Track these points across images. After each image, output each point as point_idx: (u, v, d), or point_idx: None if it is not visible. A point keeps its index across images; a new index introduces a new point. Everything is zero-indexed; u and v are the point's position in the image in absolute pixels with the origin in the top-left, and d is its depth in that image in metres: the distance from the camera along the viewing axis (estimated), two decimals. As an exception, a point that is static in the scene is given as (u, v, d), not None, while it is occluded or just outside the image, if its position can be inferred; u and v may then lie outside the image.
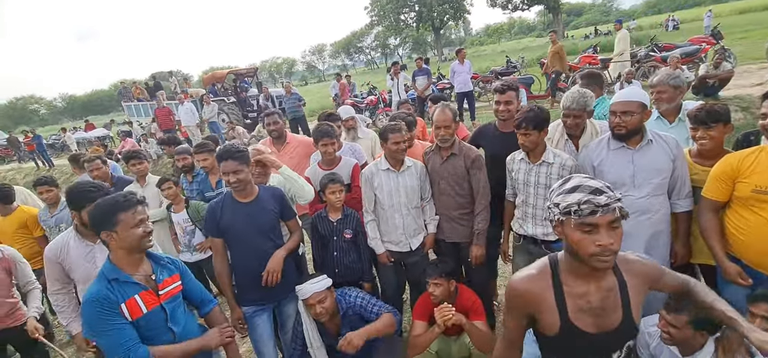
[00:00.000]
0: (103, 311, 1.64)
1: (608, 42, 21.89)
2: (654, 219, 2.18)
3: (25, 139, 16.06)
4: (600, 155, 2.28)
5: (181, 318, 1.91)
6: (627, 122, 2.12)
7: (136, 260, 1.78)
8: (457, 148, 2.65)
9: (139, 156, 3.84)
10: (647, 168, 2.15)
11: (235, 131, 11.00)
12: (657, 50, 10.76)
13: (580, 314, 1.28)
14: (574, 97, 2.44)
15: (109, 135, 17.61)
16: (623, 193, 2.19)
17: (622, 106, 2.13)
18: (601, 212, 1.12)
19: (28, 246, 3.53)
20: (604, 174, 2.24)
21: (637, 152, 2.18)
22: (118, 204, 1.70)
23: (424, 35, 52.70)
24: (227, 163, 2.24)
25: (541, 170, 2.38)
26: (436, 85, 11.57)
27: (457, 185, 2.66)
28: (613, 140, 2.24)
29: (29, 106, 76.33)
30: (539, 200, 2.39)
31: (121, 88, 17.98)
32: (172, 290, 1.88)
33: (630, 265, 1.32)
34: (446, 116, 2.60)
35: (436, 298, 2.42)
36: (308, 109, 12.87)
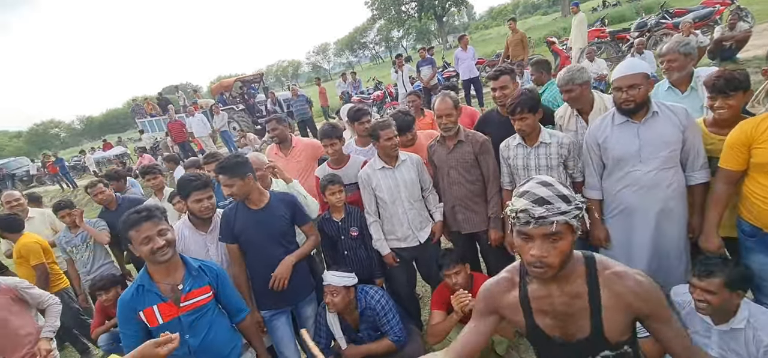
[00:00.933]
0: (122, 316, 1.85)
1: (617, 13, 21.33)
2: (664, 194, 2.12)
3: (47, 164, 16.63)
4: (604, 132, 2.23)
5: (203, 329, 1.95)
6: (634, 95, 2.05)
7: (161, 269, 1.87)
8: (463, 135, 2.64)
9: (154, 171, 3.94)
10: (654, 141, 2.09)
11: (246, 138, 11.15)
12: (668, 16, 10.39)
13: (542, 316, 1.27)
14: (571, 73, 2.46)
15: (127, 152, 18.06)
16: (629, 168, 2.16)
17: (626, 80, 2.06)
18: (534, 224, 1.10)
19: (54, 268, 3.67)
20: (610, 150, 2.20)
21: (642, 126, 2.12)
22: (126, 222, 1.80)
23: (427, 25, 52.10)
24: (220, 178, 2.30)
25: (540, 152, 2.38)
26: (442, 73, 11.48)
27: (467, 173, 2.65)
28: (617, 115, 2.19)
29: (49, 130, 78.89)
30: None
31: (133, 106, 18.39)
32: (198, 302, 1.92)
33: (615, 280, 1.19)
34: (447, 104, 2.59)
35: (458, 285, 2.42)
36: (316, 109, 12.93)
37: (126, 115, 58.73)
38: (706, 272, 1.78)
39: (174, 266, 1.90)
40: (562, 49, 10.63)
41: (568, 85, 2.47)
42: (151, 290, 1.85)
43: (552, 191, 1.12)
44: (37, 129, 77.66)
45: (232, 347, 2.09)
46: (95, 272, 3.75)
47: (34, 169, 19.30)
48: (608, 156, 2.24)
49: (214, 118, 11.96)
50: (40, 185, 18.01)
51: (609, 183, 2.30)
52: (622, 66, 2.12)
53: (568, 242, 1.12)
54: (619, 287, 1.19)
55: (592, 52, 8.36)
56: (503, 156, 2.55)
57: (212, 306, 2.01)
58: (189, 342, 1.90)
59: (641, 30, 10.25)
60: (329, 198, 2.71)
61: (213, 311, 2.01)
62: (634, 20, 12.72)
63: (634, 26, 10.91)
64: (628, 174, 2.18)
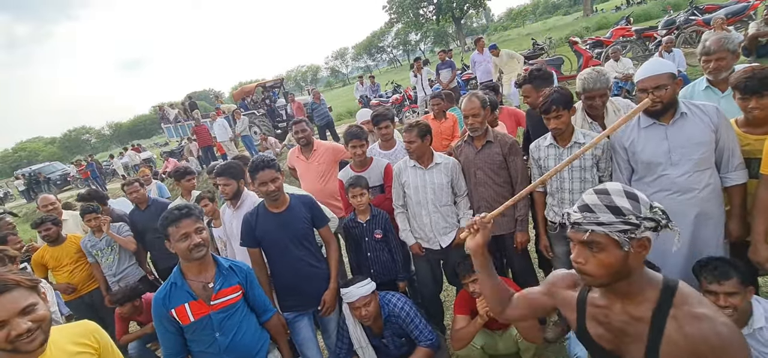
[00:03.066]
0: (157, 314, 1.92)
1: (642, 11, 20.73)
2: (699, 197, 2.02)
3: (79, 169, 17.33)
4: (630, 135, 2.15)
5: (232, 327, 1.98)
6: (661, 96, 1.95)
7: (194, 267, 1.92)
8: (491, 135, 2.60)
9: (191, 172, 4.03)
10: (684, 143, 1.99)
11: (267, 142, 11.34)
12: (698, 13, 10.04)
13: (596, 324, 1.25)
14: (593, 78, 2.34)
15: (153, 157, 18.65)
16: (660, 172, 2.07)
17: (652, 81, 1.96)
18: (570, 229, 1.14)
19: (88, 268, 3.80)
20: (638, 154, 2.12)
21: (670, 128, 2.02)
22: (167, 218, 1.86)
23: (444, 27, 51.88)
24: (265, 173, 2.30)
25: (573, 152, 2.27)
26: (462, 76, 11.38)
27: (494, 174, 2.60)
28: (643, 117, 2.10)
29: (81, 136, 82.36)
30: (575, 183, 2.32)
31: (159, 112, 18.98)
32: (228, 300, 1.96)
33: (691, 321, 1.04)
34: (474, 104, 2.54)
35: (476, 293, 2.40)
36: (335, 113, 13.05)
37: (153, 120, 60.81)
38: (724, 275, 1.74)
39: (206, 265, 1.95)
40: (585, 49, 10.37)
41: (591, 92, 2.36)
42: (183, 288, 1.90)
43: (603, 200, 1.10)
44: (70, 135, 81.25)
45: (260, 345, 2.11)
46: (120, 274, 3.85)
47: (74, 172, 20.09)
48: (637, 160, 2.15)
49: (236, 123, 12.21)
50: (74, 188, 18.77)
51: (640, 187, 2.17)
52: (647, 66, 2.03)
53: (614, 256, 1.08)
54: (693, 330, 1.03)
55: (617, 52, 8.12)
56: (533, 157, 2.49)
57: (241, 305, 2.04)
58: (219, 341, 1.94)
59: (669, 28, 9.92)
60: (352, 201, 2.72)
61: (242, 310, 2.04)
62: (660, 18, 12.31)
63: (661, 24, 10.58)
64: (659, 178, 2.09)
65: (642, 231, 1.06)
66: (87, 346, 1.44)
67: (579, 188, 2.32)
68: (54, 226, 3.74)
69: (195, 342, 1.97)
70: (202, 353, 1.99)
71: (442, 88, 9.17)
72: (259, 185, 2.34)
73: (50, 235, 3.71)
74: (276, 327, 2.24)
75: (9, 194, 22.11)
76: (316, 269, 2.52)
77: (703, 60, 2.41)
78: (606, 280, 1.13)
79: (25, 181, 20.19)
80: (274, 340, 2.25)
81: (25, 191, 19.98)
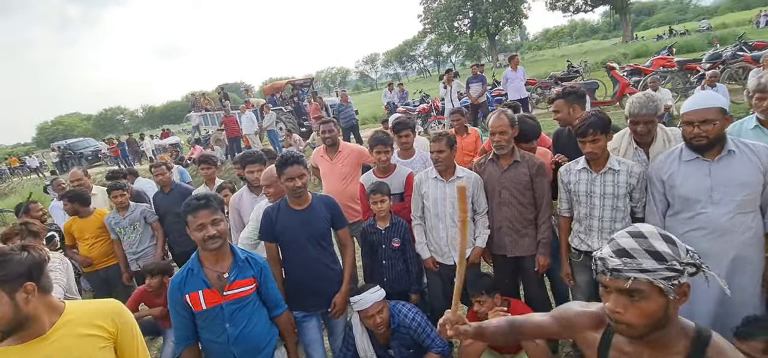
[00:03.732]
0: (172, 299, 1.96)
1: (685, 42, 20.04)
2: (738, 241, 1.90)
3: (110, 147, 18.04)
4: (670, 168, 2.03)
5: (243, 319, 1.97)
6: (708, 131, 1.85)
7: (210, 256, 1.92)
8: (518, 155, 2.53)
9: (208, 161, 4.09)
10: (728, 182, 1.87)
11: (291, 139, 11.49)
12: (746, 49, 9.59)
13: None
14: (642, 102, 2.20)
15: (180, 143, 19.20)
16: (699, 210, 1.95)
17: (699, 114, 1.86)
18: (608, 275, 1.03)
19: (107, 244, 3.91)
20: (676, 189, 2.00)
21: (715, 164, 1.91)
22: (187, 207, 1.87)
23: (478, 42, 51.62)
24: (293, 168, 2.28)
25: (607, 179, 2.20)
26: (492, 92, 11.23)
27: (520, 195, 2.52)
28: (686, 151, 1.98)
29: (115, 116, 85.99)
30: (607, 211, 2.22)
31: (191, 100, 19.56)
32: (241, 292, 1.95)
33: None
34: (502, 122, 2.47)
35: (481, 315, 2.37)
36: (360, 117, 13.10)
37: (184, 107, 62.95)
38: (745, 334, 1.67)
39: (222, 255, 1.95)
40: (622, 75, 10.05)
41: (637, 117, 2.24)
42: (199, 275, 1.91)
43: (642, 245, 1.00)
44: (105, 114, 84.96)
45: (268, 340, 2.09)
46: (140, 253, 3.94)
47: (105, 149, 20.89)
48: (674, 194, 2.04)
49: (264, 118, 12.42)
50: (104, 165, 19.54)
51: (674, 223, 2.08)
52: (696, 99, 1.93)
53: (655, 305, 0.99)
54: None
55: (656, 82, 7.82)
56: (563, 181, 2.39)
57: (254, 298, 2.02)
58: (228, 331, 1.94)
59: (714, 62, 9.49)
60: (372, 207, 2.69)
61: (254, 303, 2.03)
62: (703, 51, 11.83)
63: (706, 57, 10.13)
64: (697, 216, 1.97)
65: (684, 277, 0.98)
66: (101, 329, 1.37)
67: (610, 216, 2.23)
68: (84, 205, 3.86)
69: (205, 330, 1.98)
70: (211, 342, 1.99)
71: (471, 102, 9.06)
72: (287, 179, 2.32)
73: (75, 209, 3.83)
74: (285, 324, 2.22)
75: (44, 164, 23.20)
76: (330, 270, 2.50)
77: (757, 97, 2.27)
78: (646, 330, 1.02)
79: (59, 153, 21.17)
80: (282, 336, 2.22)
81: (59, 163, 20.93)
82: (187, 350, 1.99)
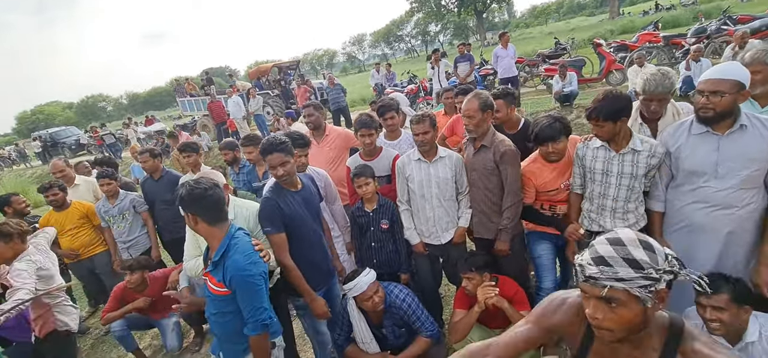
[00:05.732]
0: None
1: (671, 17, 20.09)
2: (737, 215, 1.91)
3: (94, 135, 17.59)
4: (678, 140, 2.02)
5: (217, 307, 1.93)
6: (715, 104, 1.82)
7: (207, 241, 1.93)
8: (488, 140, 2.50)
9: (188, 149, 4.02)
10: (736, 157, 1.86)
11: (279, 123, 11.34)
12: (730, 23, 9.67)
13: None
14: (658, 80, 2.14)
15: (166, 129, 18.82)
16: (702, 183, 1.95)
17: (711, 84, 1.82)
18: (585, 282, 1.04)
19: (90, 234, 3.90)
20: (682, 160, 1.99)
21: (724, 138, 1.89)
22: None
23: (465, 20, 51.08)
24: (273, 156, 2.21)
25: (626, 158, 2.13)
26: (479, 71, 11.18)
27: (486, 179, 2.53)
28: (696, 123, 1.96)
29: (98, 103, 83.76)
30: (622, 191, 2.17)
31: (176, 85, 19.10)
32: (212, 288, 1.89)
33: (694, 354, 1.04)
34: (471, 105, 2.44)
35: (470, 292, 2.42)
36: (349, 99, 12.97)
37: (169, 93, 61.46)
38: (714, 289, 1.75)
39: (214, 246, 1.87)
40: (609, 52, 10.09)
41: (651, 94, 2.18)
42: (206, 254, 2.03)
43: (620, 252, 1.00)
44: (87, 101, 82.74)
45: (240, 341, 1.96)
46: (130, 241, 3.92)
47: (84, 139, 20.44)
48: (678, 167, 2.03)
49: (250, 102, 12.22)
50: (89, 154, 19.10)
51: (675, 195, 2.09)
52: (713, 69, 1.88)
53: (633, 312, 1.01)
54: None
55: (642, 58, 7.86)
56: (578, 155, 2.32)
57: (229, 300, 1.86)
58: (209, 306, 1.98)
59: (699, 36, 9.57)
60: (358, 190, 2.68)
61: (230, 303, 1.87)
62: (689, 26, 11.89)
63: (691, 31, 10.22)
64: (698, 189, 1.98)
65: (661, 284, 0.99)
66: None
67: (624, 196, 2.18)
68: (61, 191, 3.79)
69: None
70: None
71: (459, 82, 9.02)
72: (270, 168, 2.28)
73: (57, 200, 3.76)
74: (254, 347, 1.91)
75: (26, 154, 22.58)
76: (325, 243, 2.56)
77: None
78: (625, 335, 1.05)
79: (41, 143, 20.59)
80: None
81: (41, 153, 20.38)
82: None
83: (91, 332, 4.30)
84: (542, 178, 2.47)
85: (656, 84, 2.15)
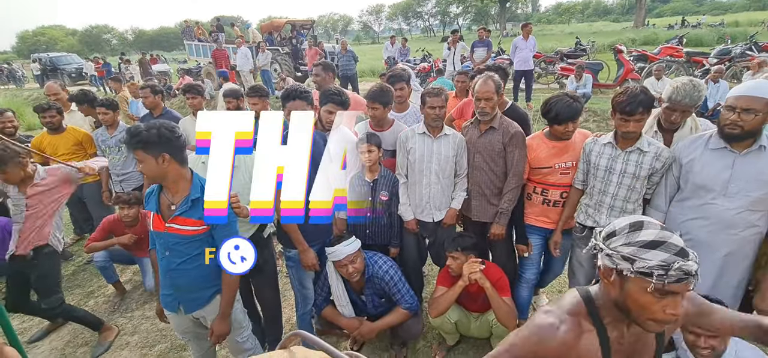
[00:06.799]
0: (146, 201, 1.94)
1: (696, 35, 19.68)
2: (740, 236, 1.88)
3: (96, 66, 17.25)
4: (693, 153, 1.96)
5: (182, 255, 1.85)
6: (746, 121, 1.75)
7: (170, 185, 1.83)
8: (497, 122, 2.48)
9: (193, 90, 3.91)
10: (749, 178, 1.81)
11: (285, 83, 11.12)
12: (755, 49, 9.45)
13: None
14: (687, 91, 2.05)
15: (169, 71, 18.48)
16: (709, 200, 1.91)
17: (744, 101, 1.75)
18: (687, 281, 0.94)
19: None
20: (693, 174, 1.94)
21: (741, 157, 1.84)
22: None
23: (488, 6, 49.88)
24: (295, 103, 2.24)
25: (631, 158, 2.11)
26: (495, 59, 10.94)
27: (492, 162, 2.50)
28: (714, 138, 1.91)
29: (102, 34, 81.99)
30: (622, 190, 2.16)
31: (185, 27, 18.65)
32: (183, 230, 1.83)
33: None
34: (489, 88, 2.40)
35: (453, 271, 2.45)
36: (359, 68, 12.72)
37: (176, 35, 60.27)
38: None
39: (181, 188, 1.83)
40: (628, 60, 9.87)
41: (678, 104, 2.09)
42: (155, 196, 1.88)
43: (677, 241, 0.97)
44: (92, 31, 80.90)
45: (209, 285, 1.96)
46: (124, 175, 3.86)
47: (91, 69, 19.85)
48: (688, 180, 1.99)
49: (259, 55, 11.95)
50: (90, 84, 18.78)
51: (678, 209, 2.05)
52: (747, 85, 1.81)
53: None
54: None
55: (660, 70, 7.69)
56: (585, 151, 2.30)
57: (202, 240, 1.85)
58: (167, 258, 1.88)
59: (722, 57, 9.36)
60: (362, 156, 2.61)
61: (202, 244, 1.86)
62: (712, 47, 11.63)
63: (715, 52, 10.00)
64: (705, 205, 1.93)
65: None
66: None
67: (624, 195, 2.17)
68: (58, 114, 3.69)
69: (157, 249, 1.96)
70: (159, 261, 1.96)
71: (474, 67, 8.81)
72: (287, 114, 2.23)
73: (53, 123, 3.67)
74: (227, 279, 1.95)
75: (24, 75, 22.19)
76: None
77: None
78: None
79: (41, 66, 20.22)
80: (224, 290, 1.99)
81: (40, 75, 20.04)
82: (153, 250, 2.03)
83: (74, 259, 4.28)
84: (538, 153, 2.44)
85: (685, 94, 2.06)
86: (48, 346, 3.07)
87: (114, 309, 3.43)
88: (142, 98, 4.05)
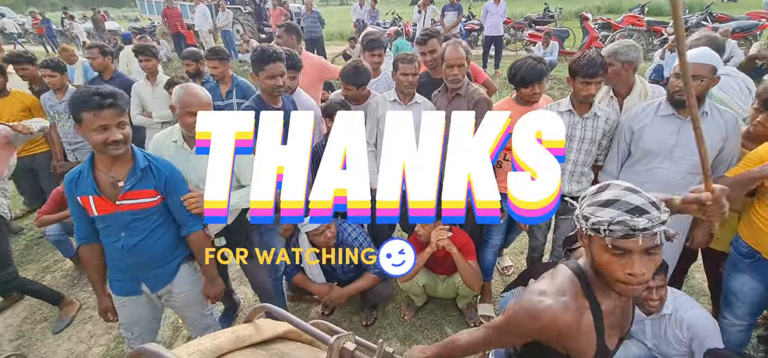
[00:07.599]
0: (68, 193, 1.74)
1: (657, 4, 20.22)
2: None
3: (34, 22, 15.63)
4: (644, 120, 2.07)
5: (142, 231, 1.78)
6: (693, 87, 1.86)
7: (107, 161, 1.67)
8: (464, 89, 2.48)
9: (146, 51, 3.64)
10: (692, 142, 1.90)
11: (248, 45, 10.58)
12: (710, 19, 9.90)
13: (611, 332, 1.13)
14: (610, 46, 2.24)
15: (119, 30, 17.07)
16: (656, 164, 2.04)
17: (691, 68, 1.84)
18: (637, 236, 0.94)
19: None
20: (643, 140, 2.06)
21: (686, 123, 1.96)
22: (83, 102, 1.54)
23: (458, -32, 48.92)
24: (276, 65, 2.18)
25: (588, 124, 2.21)
26: (465, 24, 10.87)
27: None
28: (664, 105, 2.01)
29: (42, -14, 73.88)
30: (581, 155, 2.26)
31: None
32: (138, 204, 1.74)
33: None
34: (459, 54, 2.38)
35: (422, 238, 2.49)
36: (326, 32, 12.27)
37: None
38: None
39: (122, 161, 1.69)
40: (594, 27, 10.10)
41: (610, 58, 2.23)
42: (88, 180, 1.68)
43: (643, 198, 0.97)
44: (29, -19, 72.62)
45: (173, 256, 1.92)
46: (77, 143, 3.62)
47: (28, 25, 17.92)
48: (638, 146, 2.10)
49: (219, 15, 11.25)
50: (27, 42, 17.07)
51: (628, 175, 2.17)
52: (693, 52, 1.88)
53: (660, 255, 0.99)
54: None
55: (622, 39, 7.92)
56: None
57: (158, 211, 1.81)
58: (124, 239, 1.76)
59: (682, 27, 9.75)
60: (328, 124, 2.55)
61: (159, 215, 1.82)
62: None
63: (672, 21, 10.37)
64: (652, 170, 2.06)
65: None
66: None
67: (583, 160, 2.27)
68: (1, 75, 3.35)
69: (103, 234, 1.79)
70: (108, 245, 1.81)
71: (444, 31, 8.72)
72: (267, 77, 2.19)
73: None
74: (197, 243, 1.92)
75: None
76: None
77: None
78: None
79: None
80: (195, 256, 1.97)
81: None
82: (84, 247, 1.82)
83: (25, 233, 4.04)
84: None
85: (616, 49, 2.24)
86: (2, 323, 2.93)
87: (73, 283, 3.29)
88: (89, 58, 3.73)
